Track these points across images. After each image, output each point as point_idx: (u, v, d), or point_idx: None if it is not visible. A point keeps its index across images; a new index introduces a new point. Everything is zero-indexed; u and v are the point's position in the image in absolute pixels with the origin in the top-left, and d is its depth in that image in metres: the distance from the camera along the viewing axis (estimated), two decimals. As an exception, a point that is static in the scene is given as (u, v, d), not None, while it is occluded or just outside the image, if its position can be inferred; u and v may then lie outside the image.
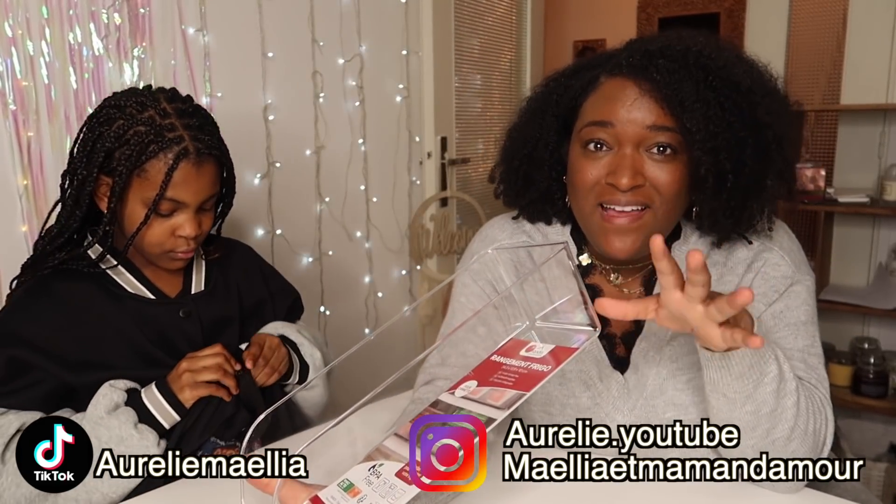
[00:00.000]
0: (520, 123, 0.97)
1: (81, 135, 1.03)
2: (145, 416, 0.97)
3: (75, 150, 1.02)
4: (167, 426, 0.98)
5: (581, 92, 0.90)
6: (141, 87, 1.06)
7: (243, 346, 1.13)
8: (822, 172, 2.41)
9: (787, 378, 0.77)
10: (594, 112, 0.86)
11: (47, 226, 1.07)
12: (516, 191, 0.98)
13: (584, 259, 0.97)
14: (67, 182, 1.04)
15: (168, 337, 1.06)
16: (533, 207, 0.98)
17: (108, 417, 0.94)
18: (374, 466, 0.63)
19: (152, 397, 0.98)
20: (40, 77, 1.36)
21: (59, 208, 1.06)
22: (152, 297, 1.08)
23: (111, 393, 0.96)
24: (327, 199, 2.03)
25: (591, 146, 0.85)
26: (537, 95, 0.96)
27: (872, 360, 2.37)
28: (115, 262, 1.06)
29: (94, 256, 1.04)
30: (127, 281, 1.07)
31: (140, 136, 0.97)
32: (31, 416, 0.96)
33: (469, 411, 0.63)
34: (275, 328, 1.19)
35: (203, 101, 1.64)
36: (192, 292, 1.12)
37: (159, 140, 0.97)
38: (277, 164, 1.85)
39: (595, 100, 0.87)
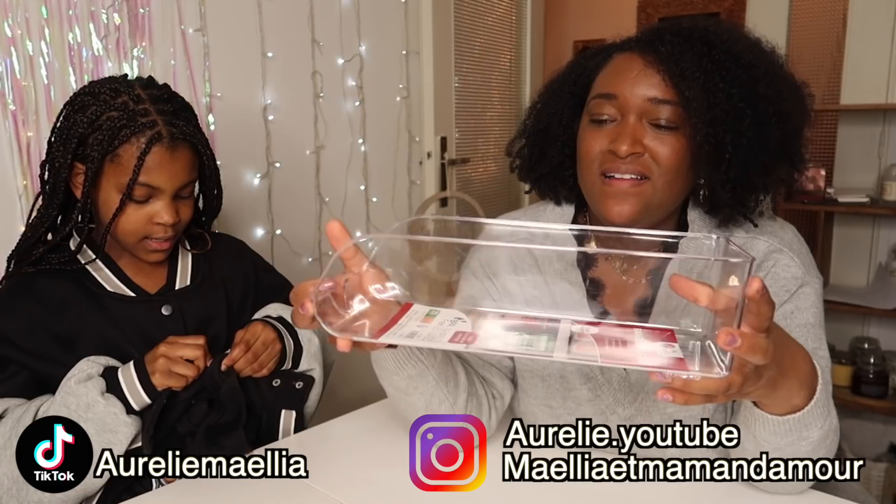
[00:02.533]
0: (539, 102, 1.02)
1: (58, 123, 1.02)
2: (114, 389, 0.95)
3: (52, 138, 1.02)
4: (135, 406, 0.95)
5: (595, 69, 0.94)
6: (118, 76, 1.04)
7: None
8: (822, 172, 2.41)
9: (829, 432, 0.75)
10: (602, 85, 0.90)
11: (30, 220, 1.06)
12: (530, 165, 1.01)
13: (593, 246, 0.98)
14: (46, 172, 1.03)
15: (149, 338, 1.03)
16: (544, 182, 1.01)
17: (76, 386, 0.93)
18: (458, 318, 0.62)
19: (127, 374, 0.97)
20: (40, 77, 1.36)
21: (40, 201, 1.04)
22: (132, 294, 1.06)
23: (87, 366, 0.95)
24: (327, 199, 2.03)
25: (597, 119, 0.88)
26: (557, 77, 1.00)
27: (872, 361, 2.37)
28: (94, 257, 1.04)
29: (72, 248, 1.04)
30: (105, 278, 1.05)
31: (112, 121, 0.96)
32: (13, 402, 0.96)
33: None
34: (275, 310, 1.16)
35: (203, 101, 1.64)
36: (177, 287, 1.09)
37: (132, 125, 0.96)
38: (277, 164, 1.85)
39: (604, 74, 0.91)
